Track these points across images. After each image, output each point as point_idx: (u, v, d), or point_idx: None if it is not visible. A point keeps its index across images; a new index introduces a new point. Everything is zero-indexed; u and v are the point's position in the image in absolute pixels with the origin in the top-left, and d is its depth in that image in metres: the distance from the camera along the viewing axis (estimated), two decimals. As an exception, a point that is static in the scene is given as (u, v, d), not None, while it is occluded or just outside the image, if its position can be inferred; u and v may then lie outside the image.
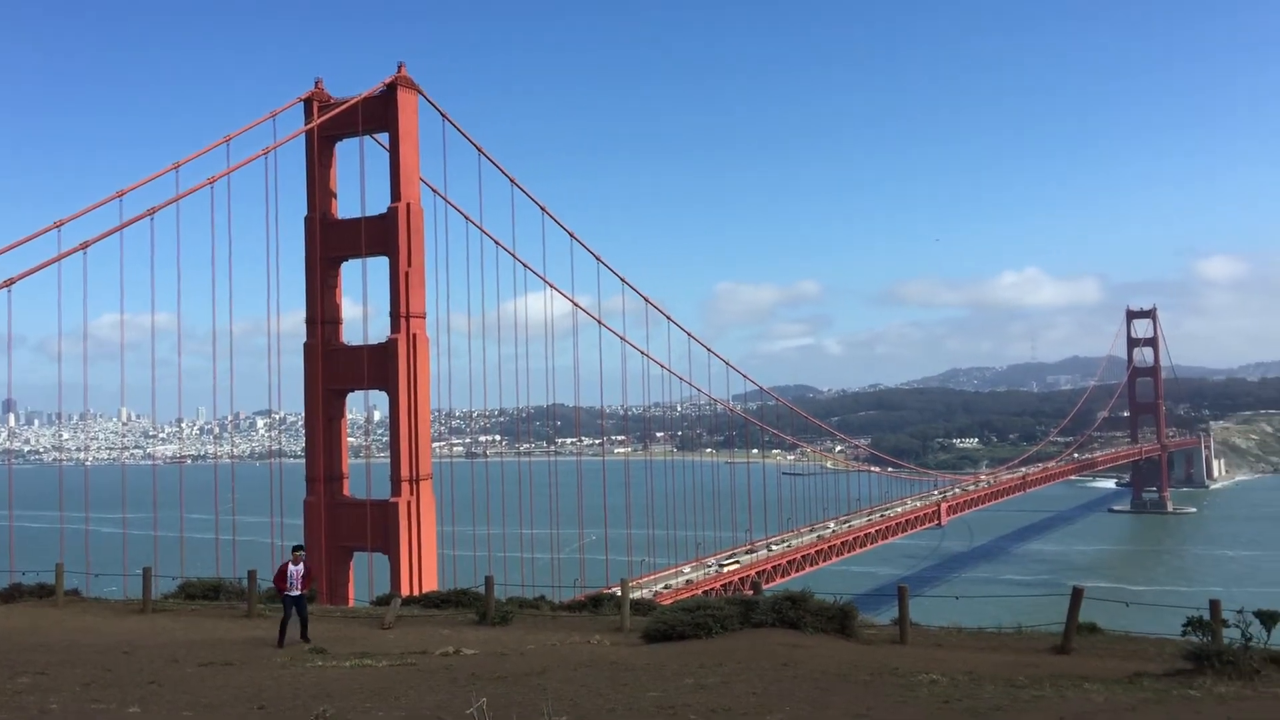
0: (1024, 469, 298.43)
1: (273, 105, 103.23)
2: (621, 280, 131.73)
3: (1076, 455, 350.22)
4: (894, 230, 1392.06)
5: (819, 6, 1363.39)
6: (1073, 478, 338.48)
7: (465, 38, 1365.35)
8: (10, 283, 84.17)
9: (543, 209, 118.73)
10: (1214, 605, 25.67)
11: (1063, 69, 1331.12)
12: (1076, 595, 28.68)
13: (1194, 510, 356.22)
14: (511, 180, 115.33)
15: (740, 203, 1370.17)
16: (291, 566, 33.39)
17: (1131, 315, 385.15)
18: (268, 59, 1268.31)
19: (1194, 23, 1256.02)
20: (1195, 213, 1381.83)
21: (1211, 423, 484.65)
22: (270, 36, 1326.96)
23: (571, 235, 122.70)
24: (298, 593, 32.97)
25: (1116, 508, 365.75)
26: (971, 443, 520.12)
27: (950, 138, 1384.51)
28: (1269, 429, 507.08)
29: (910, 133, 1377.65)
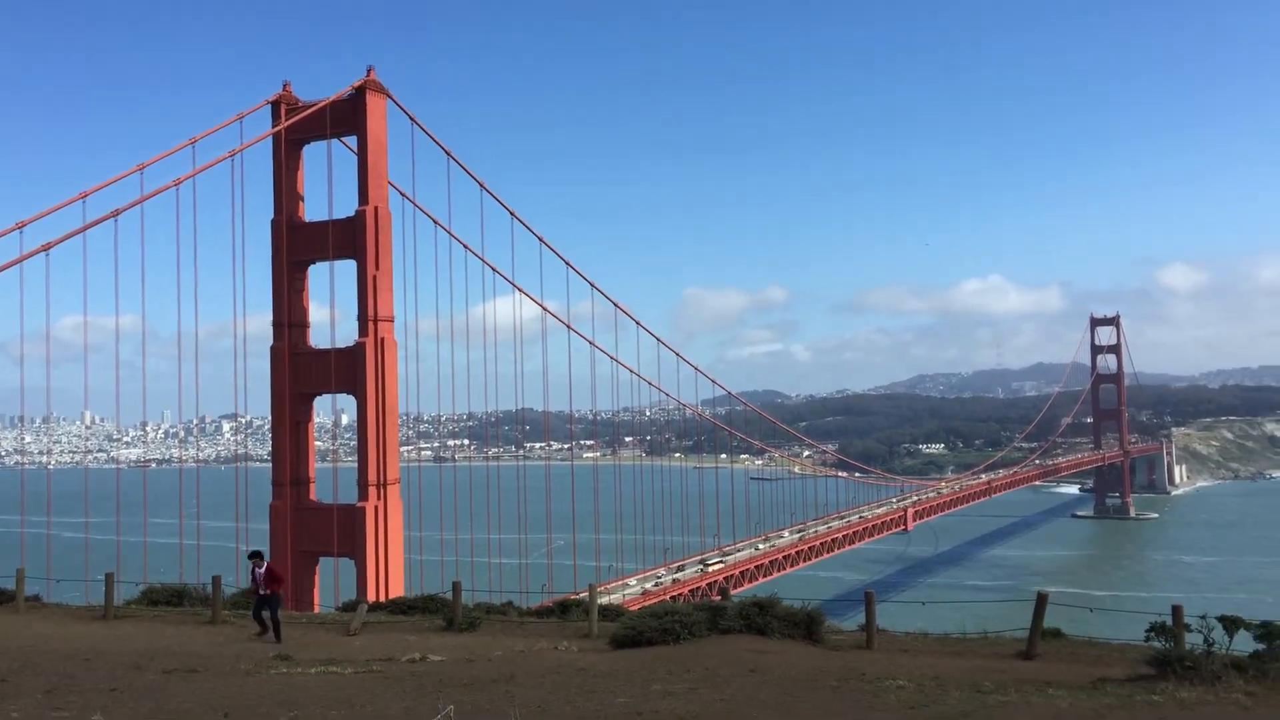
0: (989, 474, 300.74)
1: (240, 108, 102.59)
2: (591, 285, 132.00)
3: (1041, 461, 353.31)
4: (858, 238, 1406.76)
5: (784, 16, 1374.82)
6: (1037, 483, 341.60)
7: (435, 42, 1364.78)
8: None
9: (511, 213, 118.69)
10: (1176, 611, 25.91)
11: (1024, 81, 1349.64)
12: (1041, 601, 28.89)
13: (1156, 516, 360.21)
14: (480, 184, 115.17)
15: (708, 209, 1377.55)
16: (257, 571, 34.87)
17: (1095, 322, 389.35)
18: (235, 61, 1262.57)
19: (1159, 34, 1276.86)
20: (1152, 221, 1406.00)
21: (1173, 429, 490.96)
22: (238, 39, 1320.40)
23: (540, 240, 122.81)
24: (264, 593, 34.48)
25: (1080, 513, 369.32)
26: (938, 448, 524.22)
27: (910, 147, 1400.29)
28: (1229, 435, 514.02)
29: (873, 143, 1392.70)
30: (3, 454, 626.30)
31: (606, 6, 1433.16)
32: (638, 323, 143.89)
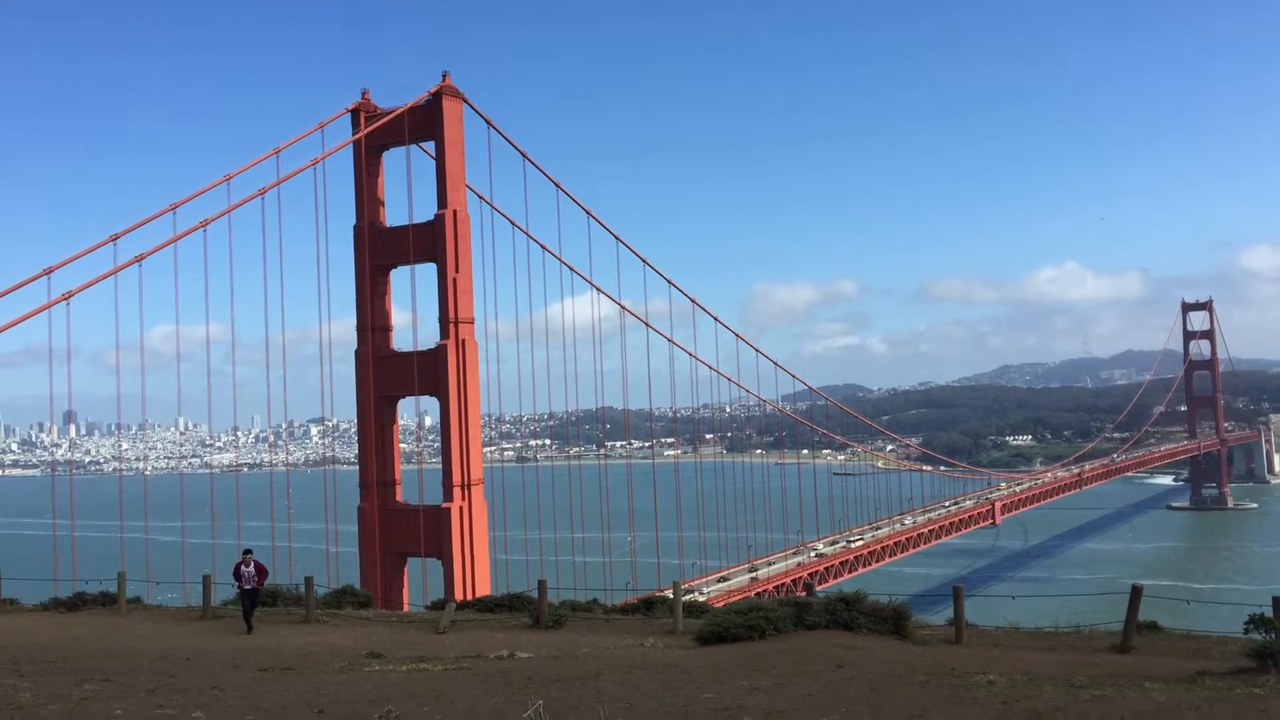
0: (1079, 466, 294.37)
1: (321, 116, 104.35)
2: (668, 282, 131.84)
3: (1133, 452, 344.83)
4: (922, 229, 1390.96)
5: (851, 8, 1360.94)
6: (1130, 474, 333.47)
7: (508, 42, 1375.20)
8: (69, 295, 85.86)
9: (588, 213, 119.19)
10: (1277, 602, 25.21)
11: (1085, 73, 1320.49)
12: (1136, 593, 28.31)
13: (1255, 506, 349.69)
14: (557, 185, 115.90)
15: (774, 203, 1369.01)
16: (244, 568, 37.73)
17: (1187, 308, 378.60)
18: (316, 71, 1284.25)
19: (1222, 20, 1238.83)
20: (1225, 205, 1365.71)
21: (1271, 416, 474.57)
22: (318, 48, 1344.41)
23: (618, 238, 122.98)
24: (251, 586, 37.57)
25: (1175, 504, 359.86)
26: (1025, 440, 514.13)
27: (975, 140, 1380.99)
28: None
29: (935, 134, 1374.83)
30: (101, 461, 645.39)
31: (673, 4, 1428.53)
32: (716, 319, 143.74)
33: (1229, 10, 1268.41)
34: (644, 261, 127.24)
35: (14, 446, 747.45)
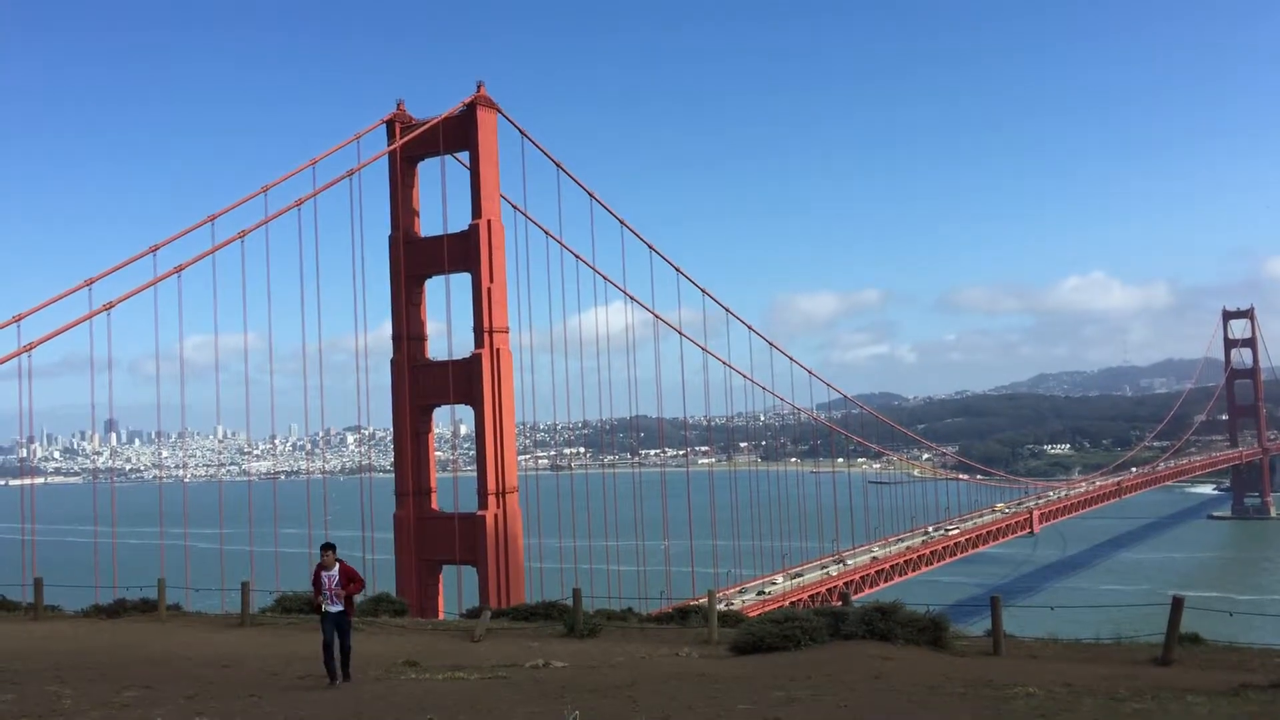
0: (1119, 475, 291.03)
1: (357, 127, 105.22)
2: (702, 291, 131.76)
3: (1173, 461, 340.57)
4: (939, 236, 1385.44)
5: (871, 22, 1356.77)
6: (1170, 483, 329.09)
7: (541, 54, 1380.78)
8: (110, 306, 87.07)
9: (621, 222, 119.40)
10: (1323, 615, 24.82)
11: (1095, 89, 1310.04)
12: (1177, 605, 27.92)
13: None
14: (591, 195, 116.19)
15: (791, 213, 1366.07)
16: (324, 573, 26.23)
17: (1228, 315, 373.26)
18: (351, 82, 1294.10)
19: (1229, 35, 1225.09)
20: (1244, 213, 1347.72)
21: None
22: (353, 60, 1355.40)
23: (651, 247, 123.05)
24: (339, 608, 26.25)
25: (1217, 514, 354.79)
26: (1063, 449, 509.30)
27: (988, 151, 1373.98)
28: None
29: (942, 146, 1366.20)
30: (141, 468, 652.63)
31: (698, 14, 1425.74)
32: (750, 328, 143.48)
33: (1232, 26, 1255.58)
34: (677, 270, 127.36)
35: (56, 454, 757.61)
